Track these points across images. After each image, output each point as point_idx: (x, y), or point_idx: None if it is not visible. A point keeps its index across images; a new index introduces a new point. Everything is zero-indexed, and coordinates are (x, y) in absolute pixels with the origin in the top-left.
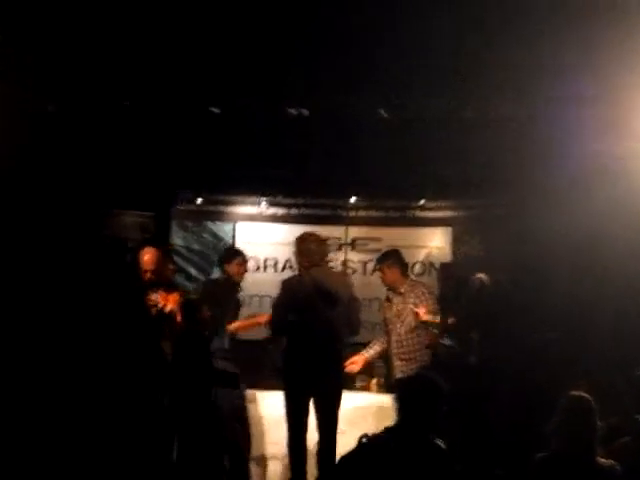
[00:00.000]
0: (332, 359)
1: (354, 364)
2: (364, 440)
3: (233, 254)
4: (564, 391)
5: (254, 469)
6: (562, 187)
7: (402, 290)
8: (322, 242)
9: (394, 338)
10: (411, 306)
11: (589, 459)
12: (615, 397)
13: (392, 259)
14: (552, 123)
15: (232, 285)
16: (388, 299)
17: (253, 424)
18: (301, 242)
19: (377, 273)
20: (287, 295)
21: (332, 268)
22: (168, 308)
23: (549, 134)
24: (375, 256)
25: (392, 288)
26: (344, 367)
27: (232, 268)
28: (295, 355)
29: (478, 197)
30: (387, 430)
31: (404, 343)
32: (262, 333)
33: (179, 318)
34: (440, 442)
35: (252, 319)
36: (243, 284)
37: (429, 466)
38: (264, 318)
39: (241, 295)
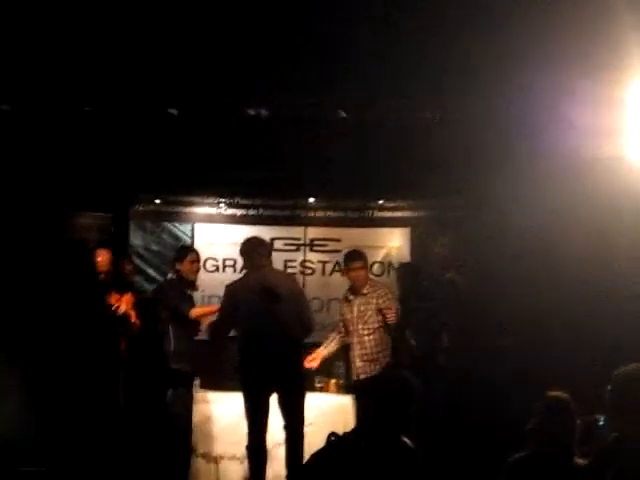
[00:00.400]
0: (288, 356)
1: (313, 360)
2: (333, 439)
3: (185, 252)
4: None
5: (212, 469)
6: (520, 188)
7: (365, 291)
8: (264, 244)
9: (355, 340)
10: (374, 307)
11: (567, 459)
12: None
13: (363, 261)
14: (512, 123)
15: (185, 284)
16: (347, 299)
17: (212, 424)
18: (244, 245)
19: (336, 274)
20: (230, 299)
21: (276, 269)
22: (122, 309)
23: (509, 134)
24: (334, 256)
25: (355, 289)
26: (303, 364)
27: (185, 266)
28: (249, 355)
29: (436, 198)
30: (356, 430)
31: (367, 345)
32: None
33: (133, 319)
34: (409, 442)
35: (211, 306)
36: (202, 284)
37: (399, 466)
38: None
39: (199, 295)
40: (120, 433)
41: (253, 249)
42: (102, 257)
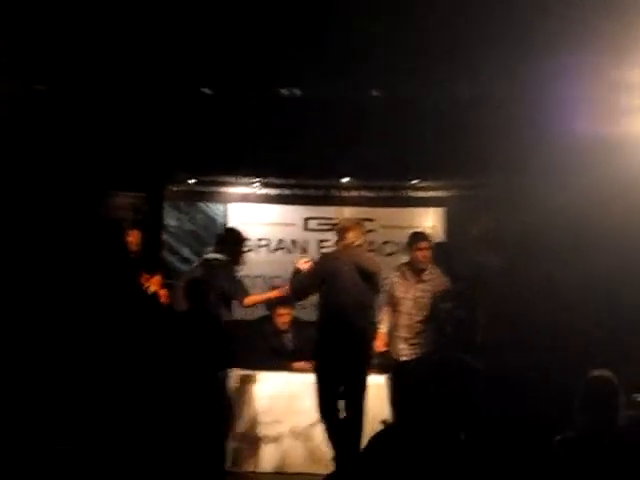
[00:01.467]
0: (363, 333)
1: (381, 343)
2: (385, 425)
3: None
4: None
5: (246, 450)
6: (553, 167)
7: (425, 277)
8: (360, 224)
9: (405, 322)
10: (431, 295)
11: (613, 438)
12: None
13: (429, 241)
14: (544, 103)
15: (235, 266)
16: (405, 277)
17: (246, 405)
18: (341, 222)
19: (371, 254)
20: (320, 268)
21: (366, 251)
22: (151, 289)
23: (541, 114)
24: (368, 236)
25: (416, 270)
26: (371, 345)
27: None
28: (327, 329)
29: (470, 177)
30: (407, 417)
31: (415, 330)
32: (256, 314)
33: (163, 298)
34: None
35: (267, 293)
36: None
37: (453, 459)
38: (277, 293)
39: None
40: (159, 415)
41: (349, 227)
42: (133, 237)
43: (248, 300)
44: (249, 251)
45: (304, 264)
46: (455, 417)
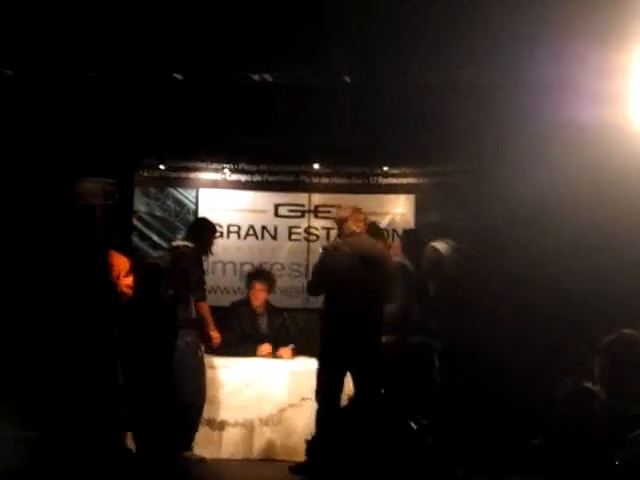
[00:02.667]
0: (370, 322)
1: None
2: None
3: (213, 228)
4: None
5: (214, 435)
6: (524, 154)
7: None
8: (361, 211)
9: None
10: None
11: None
12: None
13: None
14: (517, 90)
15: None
16: None
17: (216, 390)
18: (341, 212)
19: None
20: (325, 260)
21: (369, 238)
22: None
23: (514, 101)
24: None
25: None
26: (380, 334)
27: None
28: (332, 319)
29: (441, 164)
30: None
31: None
32: (229, 300)
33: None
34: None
35: (211, 322)
36: None
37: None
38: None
39: (205, 261)
40: (121, 402)
41: (346, 218)
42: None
43: (202, 305)
44: (220, 237)
45: None
46: (415, 398)
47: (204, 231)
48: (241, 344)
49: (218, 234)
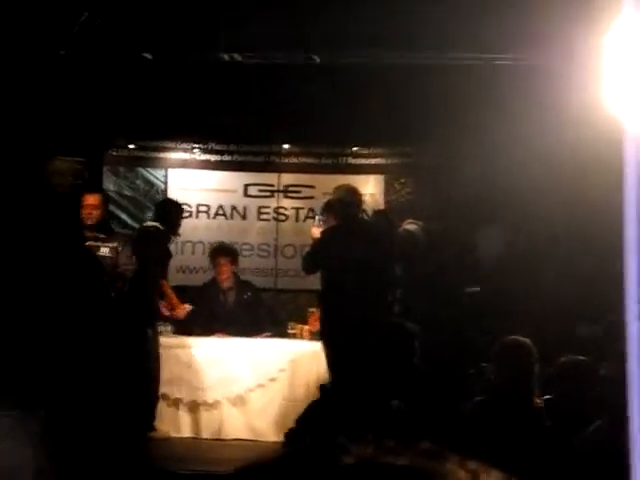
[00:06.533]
0: (366, 309)
1: None
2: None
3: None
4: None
5: (183, 415)
6: (495, 136)
7: None
8: (358, 192)
9: None
10: None
11: (525, 402)
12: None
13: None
14: (489, 72)
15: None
16: None
17: (183, 371)
18: (338, 192)
19: (310, 220)
20: (324, 242)
21: (367, 219)
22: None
23: (487, 83)
24: (308, 203)
25: None
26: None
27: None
28: (331, 302)
29: (410, 145)
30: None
31: None
32: (198, 280)
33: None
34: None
35: (172, 294)
36: None
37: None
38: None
39: (174, 241)
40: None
41: (346, 197)
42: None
43: (165, 285)
44: (189, 217)
45: (317, 231)
46: (391, 380)
47: (171, 212)
48: (207, 324)
49: (187, 214)
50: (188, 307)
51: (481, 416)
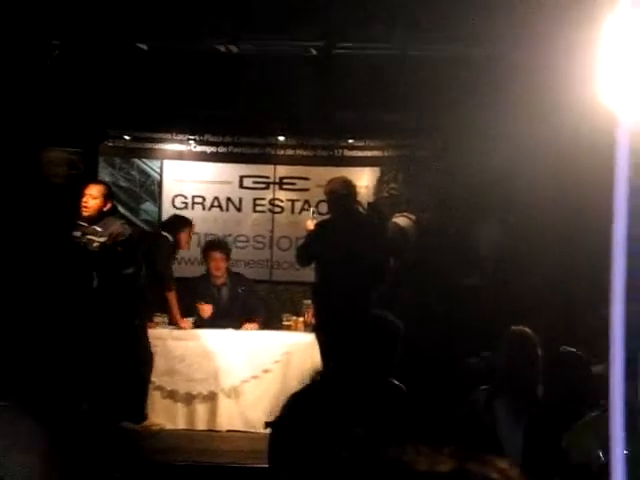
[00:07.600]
0: (358, 301)
1: None
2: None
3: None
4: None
5: (177, 407)
6: (488, 130)
7: None
8: (353, 185)
9: None
10: None
11: (530, 392)
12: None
13: None
14: (482, 64)
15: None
16: None
17: (177, 362)
18: (333, 185)
19: (305, 212)
20: (318, 234)
21: (363, 212)
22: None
23: (480, 76)
24: (303, 195)
25: None
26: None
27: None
28: (324, 295)
29: (405, 138)
30: (337, 370)
31: None
32: (192, 272)
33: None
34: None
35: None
36: None
37: (388, 406)
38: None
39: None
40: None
41: (341, 190)
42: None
43: (170, 294)
44: (184, 208)
45: (311, 223)
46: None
47: (180, 227)
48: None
49: (182, 205)
50: (190, 322)
51: (491, 405)
